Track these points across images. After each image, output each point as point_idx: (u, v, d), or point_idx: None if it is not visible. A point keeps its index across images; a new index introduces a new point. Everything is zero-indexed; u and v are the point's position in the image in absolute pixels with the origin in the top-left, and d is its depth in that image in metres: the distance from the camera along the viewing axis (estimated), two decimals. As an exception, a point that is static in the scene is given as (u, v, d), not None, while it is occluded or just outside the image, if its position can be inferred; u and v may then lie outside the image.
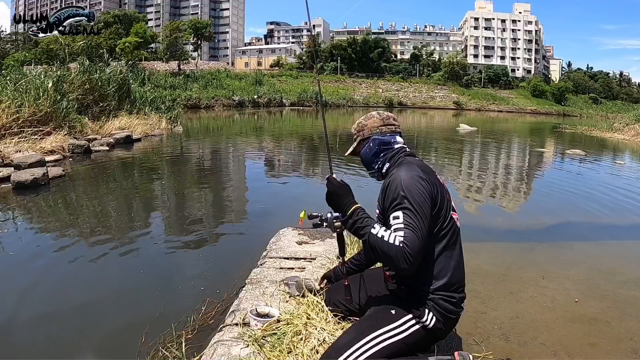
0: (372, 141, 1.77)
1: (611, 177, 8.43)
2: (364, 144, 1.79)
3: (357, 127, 1.83)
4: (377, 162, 1.76)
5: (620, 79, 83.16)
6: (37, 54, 30.95)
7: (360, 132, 1.82)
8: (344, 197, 1.61)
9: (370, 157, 1.77)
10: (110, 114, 11.49)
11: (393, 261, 1.43)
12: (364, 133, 1.80)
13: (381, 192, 1.67)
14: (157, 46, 50.80)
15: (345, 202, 1.60)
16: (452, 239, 1.61)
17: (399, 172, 1.59)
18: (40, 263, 3.33)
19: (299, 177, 7.52)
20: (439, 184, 1.62)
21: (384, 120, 1.81)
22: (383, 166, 1.75)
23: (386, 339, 1.51)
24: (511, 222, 5.09)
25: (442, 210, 1.58)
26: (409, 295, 1.61)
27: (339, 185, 1.64)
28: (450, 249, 1.60)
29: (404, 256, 1.41)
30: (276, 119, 25.31)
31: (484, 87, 60.05)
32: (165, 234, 4.21)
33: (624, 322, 2.57)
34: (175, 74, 38.33)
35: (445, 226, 1.59)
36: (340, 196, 1.62)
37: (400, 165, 1.65)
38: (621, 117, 25.78)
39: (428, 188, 1.55)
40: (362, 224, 1.52)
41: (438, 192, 1.58)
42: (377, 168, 1.77)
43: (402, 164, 1.66)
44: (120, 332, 2.37)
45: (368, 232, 1.49)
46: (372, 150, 1.76)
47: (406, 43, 75.90)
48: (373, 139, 1.77)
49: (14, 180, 5.35)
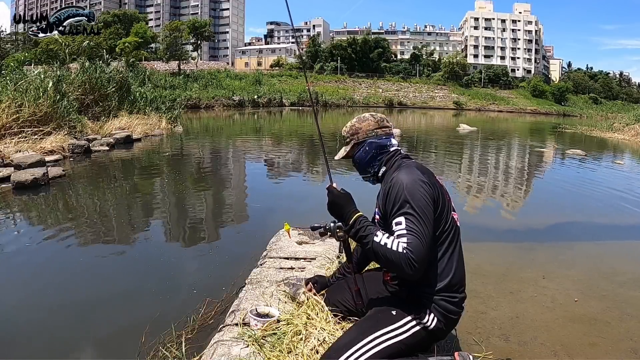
0: (368, 145, 1.72)
1: (611, 177, 8.44)
2: (359, 147, 1.74)
3: (351, 130, 1.77)
4: (373, 166, 1.73)
5: (620, 79, 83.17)
6: (37, 54, 30.96)
7: (354, 135, 1.75)
8: (345, 206, 1.60)
9: (366, 161, 1.73)
10: (110, 114, 11.49)
11: (397, 268, 1.43)
12: (358, 136, 1.74)
13: (381, 197, 1.65)
14: (157, 46, 50.81)
15: (347, 211, 1.59)
16: (453, 239, 1.60)
17: (399, 175, 1.57)
18: (40, 263, 3.33)
19: (299, 177, 7.52)
20: (438, 186, 1.61)
21: (379, 122, 1.76)
22: (379, 170, 1.72)
23: (386, 340, 1.51)
24: (511, 222, 5.09)
25: (444, 211, 1.57)
26: (410, 297, 1.60)
27: (339, 195, 1.63)
28: (452, 249, 1.59)
29: (407, 262, 1.40)
30: (276, 119, 25.30)
31: (484, 87, 60.08)
32: (165, 234, 4.22)
33: (624, 322, 2.57)
34: (175, 74, 38.30)
35: (446, 227, 1.58)
36: (342, 206, 1.61)
37: (399, 169, 1.62)
38: (621, 117, 25.81)
39: (430, 191, 1.53)
40: (365, 232, 1.51)
41: (439, 194, 1.57)
42: (372, 172, 1.74)
43: (402, 167, 1.64)
44: (120, 332, 2.37)
45: (371, 240, 1.48)
46: (368, 154, 1.72)
47: (406, 43, 75.93)
48: (369, 143, 1.72)
49: (14, 180, 5.35)
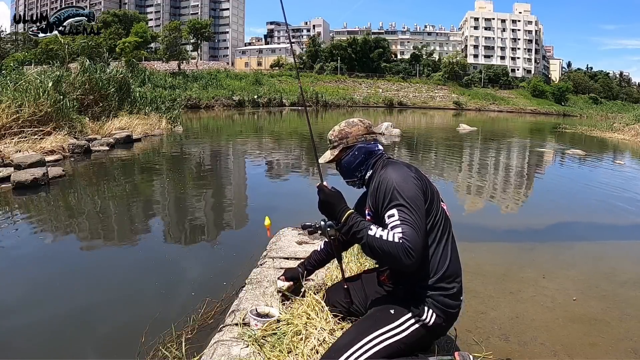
0: (358, 149, 1.74)
1: (611, 177, 8.42)
2: (347, 152, 1.75)
3: (339, 134, 1.78)
4: (360, 171, 1.74)
5: (620, 79, 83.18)
6: (37, 54, 31.03)
7: (343, 139, 1.76)
8: (337, 204, 1.61)
9: (354, 165, 1.74)
10: (111, 114, 11.49)
11: (395, 259, 1.41)
12: (347, 141, 1.76)
13: (370, 196, 1.67)
14: (157, 46, 50.84)
15: (338, 209, 1.59)
16: (444, 230, 1.60)
17: (386, 172, 1.59)
18: (39, 263, 3.33)
19: (299, 177, 7.51)
20: (425, 178, 1.63)
21: (368, 128, 1.78)
22: (366, 174, 1.74)
23: (386, 339, 1.51)
24: (511, 222, 5.09)
25: (433, 202, 1.58)
26: (408, 294, 1.60)
27: (330, 193, 1.64)
28: (445, 240, 1.59)
29: (405, 251, 1.39)
30: (276, 119, 25.30)
31: (484, 87, 60.13)
32: (165, 234, 4.21)
33: (624, 322, 2.57)
34: (175, 74, 38.33)
35: (437, 219, 1.58)
36: (333, 204, 1.61)
37: (386, 167, 1.64)
38: (621, 117, 25.82)
39: (418, 183, 1.55)
40: (359, 227, 1.51)
41: (427, 186, 1.59)
42: (360, 176, 1.75)
43: (388, 164, 1.65)
44: (120, 332, 2.37)
45: (365, 234, 1.47)
46: (357, 159, 1.73)
47: (406, 43, 75.98)
48: (358, 148, 1.74)
49: (14, 180, 5.34)
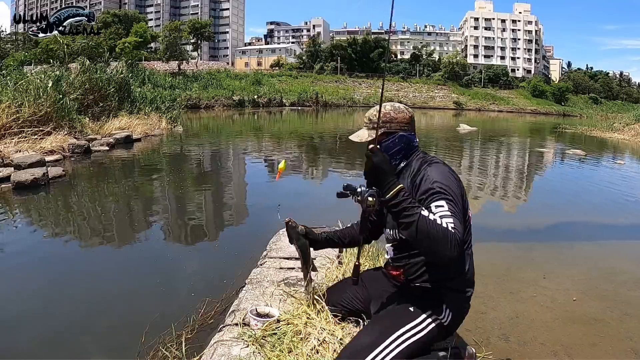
0: (399, 137, 1.67)
1: (611, 176, 8.43)
2: (388, 137, 1.67)
3: (385, 117, 1.66)
4: (395, 159, 1.67)
5: (620, 79, 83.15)
6: (37, 54, 30.99)
7: (386, 123, 1.67)
8: (389, 173, 1.44)
9: (391, 153, 1.65)
10: (111, 114, 11.47)
11: (443, 246, 1.33)
12: (391, 126, 1.67)
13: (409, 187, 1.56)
14: (157, 46, 50.82)
15: (390, 180, 1.43)
16: (470, 235, 1.62)
17: (436, 168, 1.55)
18: (39, 263, 3.33)
19: (299, 177, 7.51)
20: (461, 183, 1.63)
21: (412, 118, 1.72)
22: (400, 163, 1.68)
23: (409, 338, 1.50)
24: (511, 222, 5.09)
25: (467, 208, 1.59)
26: (427, 292, 1.59)
27: (385, 159, 1.46)
28: (470, 245, 1.62)
29: (455, 242, 1.33)
30: (276, 119, 25.30)
31: (484, 87, 60.06)
32: (165, 234, 4.21)
33: (624, 322, 2.57)
34: (175, 74, 38.29)
35: (467, 224, 1.58)
36: (385, 172, 1.44)
37: (430, 164, 1.59)
38: (621, 117, 25.81)
39: (461, 185, 1.56)
40: (410, 204, 1.39)
41: (463, 190, 1.59)
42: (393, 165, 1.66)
43: (432, 162, 1.60)
44: (120, 332, 2.37)
45: (418, 213, 1.36)
46: (396, 147, 1.66)
47: (406, 43, 75.92)
48: (400, 136, 1.67)
49: (14, 180, 5.34)
